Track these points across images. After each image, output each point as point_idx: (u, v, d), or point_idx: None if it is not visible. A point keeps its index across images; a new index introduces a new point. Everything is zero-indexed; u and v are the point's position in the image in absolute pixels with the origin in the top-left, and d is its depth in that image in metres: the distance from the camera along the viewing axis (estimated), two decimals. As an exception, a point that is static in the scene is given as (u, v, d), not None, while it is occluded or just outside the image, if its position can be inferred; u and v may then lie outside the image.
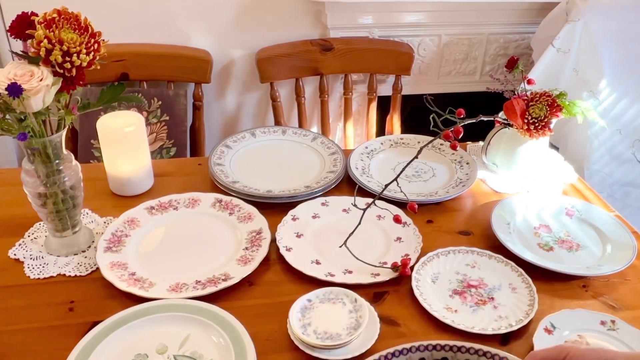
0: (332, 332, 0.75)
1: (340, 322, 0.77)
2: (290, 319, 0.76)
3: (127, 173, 1.05)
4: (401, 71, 1.81)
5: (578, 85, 1.61)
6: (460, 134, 0.89)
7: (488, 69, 1.96)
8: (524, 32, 1.90)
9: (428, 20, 1.81)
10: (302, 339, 0.74)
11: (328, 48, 1.74)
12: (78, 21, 0.74)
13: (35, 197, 0.85)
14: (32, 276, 0.87)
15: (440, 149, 1.27)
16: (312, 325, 0.76)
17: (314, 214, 1.03)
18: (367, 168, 1.18)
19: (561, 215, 1.07)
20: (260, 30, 1.75)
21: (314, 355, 0.73)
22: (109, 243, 0.92)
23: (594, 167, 1.63)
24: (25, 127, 0.76)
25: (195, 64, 1.67)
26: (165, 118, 1.65)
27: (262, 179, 1.12)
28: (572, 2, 1.61)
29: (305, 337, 0.73)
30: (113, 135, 1.02)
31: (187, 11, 1.68)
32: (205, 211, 1.02)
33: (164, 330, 0.76)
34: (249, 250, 0.93)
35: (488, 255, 0.93)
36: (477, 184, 1.16)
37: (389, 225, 1.00)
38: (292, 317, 0.76)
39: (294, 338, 0.75)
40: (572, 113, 1.08)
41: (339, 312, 0.78)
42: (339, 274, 0.88)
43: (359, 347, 0.74)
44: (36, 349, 0.75)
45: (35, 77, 0.72)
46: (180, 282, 0.85)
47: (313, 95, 1.87)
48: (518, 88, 1.13)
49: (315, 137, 1.27)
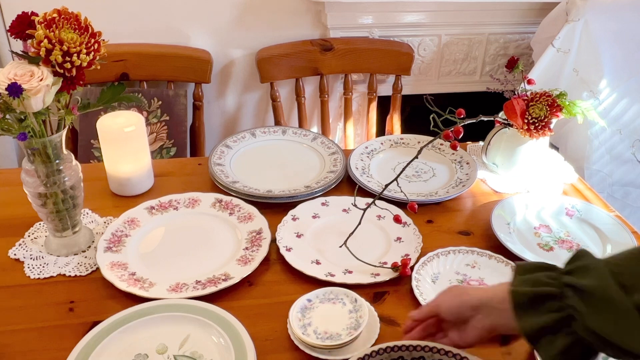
0: (332, 332, 0.75)
1: (341, 322, 0.77)
2: (290, 319, 0.76)
3: (127, 173, 1.05)
4: (401, 71, 1.81)
5: (578, 85, 1.60)
6: (460, 134, 0.89)
7: (488, 69, 1.96)
8: (524, 32, 1.90)
9: (428, 20, 1.81)
10: (302, 339, 0.74)
11: (328, 48, 1.74)
12: (78, 21, 0.74)
13: (35, 197, 0.85)
14: (32, 276, 0.87)
15: (440, 149, 1.27)
16: (312, 325, 0.76)
17: (314, 214, 1.03)
18: (367, 168, 1.18)
19: (561, 215, 1.07)
20: (260, 30, 1.75)
21: (313, 355, 0.73)
22: (109, 243, 0.92)
23: (594, 167, 1.63)
24: (25, 127, 0.76)
25: (195, 64, 1.67)
26: (165, 118, 1.65)
27: (262, 179, 1.12)
28: (572, 2, 1.61)
29: (305, 337, 0.73)
30: (113, 135, 1.02)
31: (187, 11, 1.68)
32: (205, 211, 1.02)
33: (164, 330, 0.76)
34: (249, 250, 0.93)
35: (488, 255, 0.93)
36: (477, 184, 1.16)
37: (389, 225, 1.00)
38: (292, 317, 0.76)
39: (294, 338, 0.75)
40: (572, 113, 1.08)
41: (339, 312, 0.78)
42: (339, 274, 0.88)
43: (359, 347, 0.74)
44: (36, 349, 0.75)
45: (35, 77, 0.72)
46: (180, 282, 0.85)
47: (313, 95, 1.87)
48: (518, 88, 1.13)
49: (315, 137, 1.27)
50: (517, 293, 0.61)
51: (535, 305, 0.59)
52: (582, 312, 0.55)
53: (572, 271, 0.58)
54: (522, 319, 0.59)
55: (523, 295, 0.60)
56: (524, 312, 0.59)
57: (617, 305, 0.53)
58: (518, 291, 0.61)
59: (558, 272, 0.60)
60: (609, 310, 0.54)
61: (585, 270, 0.57)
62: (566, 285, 0.57)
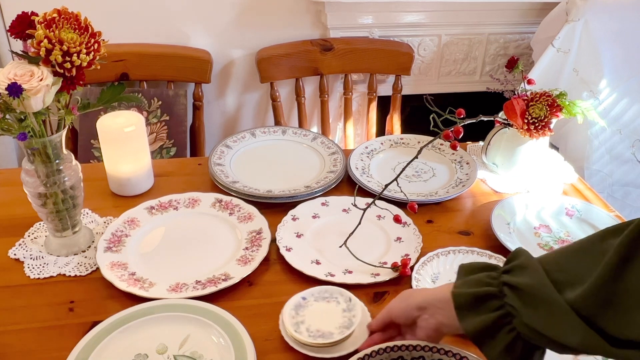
0: (324, 330, 0.75)
1: (334, 321, 0.77)
2: (283, 316, 0.76)
3: (127, 173, 1.05)
4: (401, 71, 1.81)
5: (578, 85, 1.60)
6: (460, 134, 0.89)
7: (488, 69, 1.96)
8: (524, 32, 1.90)
9: (428, 20, 1.81)
10: (294, 337, 0.73)
11: (328, 48, 1.74)
12: (78, 21, 0.74)
13: (35, 197, 0.85)
14: (32, 276, 0.87)
15: (440, 149, 1.27)
16: (305, 323, 0.76)
17: (314, 214, 1.03)
18: (367, 168, 1.18)
19: (561, 215, 1.07)
20: (260, 30, 1.75)
21: (304, 353, 0.73)
22: (109, 243, 0.92)
23: (594, 167, 1.63)
24: (25, 127, 0.76)
25: (195, 64, 1.67)
26: (165, 118, 1.65)
27: (262, 179, 1.12)
28: (572, 2, 1.61)
29: (298, 335, 0.73)
30: (113, 135, 1.02)
31: (187, 11, 1.68)
32: (205, 211, 1.02)
33: (164, 330, 0.76)
34: (249, 250, 0.93)
35: (488, 255, 0.93)
36: (477, 184, 1.16)
37: (389, 225, 1.00)
38: (285, 315, 0.76)
39: (286, 335, 0.75)
40: (572, 113, 1.08)
41: (333, 311, 0.78)
42: (339, 274, 0.88)
43: (351, 346, 0.74)
44: (36, 349, 0.75)
45: (35, 77, 0.72)
46: (180, 282, 0.85)
47: (313, 95, 1.87)
48: (518, 88, 1.13)
49: (315, 137, 1.27)
50: (459, 295, 0.63)
51: (477, 306, 0.61)
52: (519, 310, 0.57)
53: (509, 270, 0.61)
54: (465, 320, 0.61)
55: (464, 296, 0.62)
56: (466, 313, 0.62)
57: (550, 301, 0.55)
58: (460, 293, 0.63)
59: (498, 271, 0.62)
60: (543, 306, 0.56)
61: (521, 269, 0.59)
62: (504, 284, 0.60)
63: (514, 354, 0.59)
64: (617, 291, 0.51)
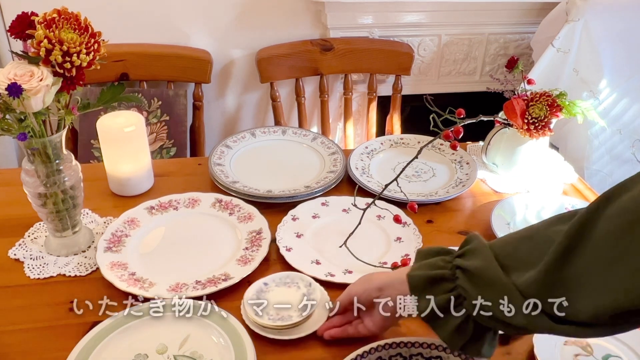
0: (284, 314, 0.77)
1: (293, 305, 0.79)
2: (245, 300, 0.78)
3: (127, 173, 1.05)
4: (401, 71, 1.81)
5: (578, 85, 1.61)
6: (460, 134, 0.89)
7: (488, 69, 1.96)
8: (524, 32, 1.90)
9: (428, 20, 1.81)
10: (255, 320, 0.76)
11: (328, 48, 1.74)
12: (78, 21, 0.74)
13: (35, 197, 0.85)
14: (32, 276, 0.87)
15: (440, 149, 1.27)
16: (266, 307, 0.78)
17: (314, 214, 1.03)
18: (367, 168, 1.18)
19: (561, 215, 1.06)
20: (260, 30, 1.75)
21: (264, 335, 0.75)
22: (109, 243, 0.92)
23: (594, 167, 1.63)
24: (25, 127, 0.76)
25: (195, 64, 1.67)
26: (165, 118, 1.66)
27: (262, 179, 1.12)
28: (572, 2, 1.61)
29: (258, 319, 0.75)
30: (113, 135, 1.02)
31: (187, 11, 1.68)
32: (205, 211, 1.02)
33: (164, 330, 0.76)
34: (249, 250, 0.93)
35: (488, 255, 0.93)
36: (477, 184, 1.16)
37: (389, 225, 1.00)
38: (246, 299, 0.78)
39: (247, 319, 0.77)
40: (572, 113, 1.08)
41: (293, 295, 0.80)
42: (339, 274, 0.88)
43: (310, 328, 0.77)
44: (36, 349, 0.75)
45: (35, 77, 0.72)
46: (180, 282, 0.85)
47: (313, 95, 1.87)
48: (518, 88, 1.13)
49: (315, 137, 1.27)
50: (414, 277, 0.66)
51: (430, 287, 0.64)
52: (469, 291, 0.60)
53: (462, 254, 0.64)
54: (419, 301, 0.65)
55: (419, 278, 0.65)
56: (420, 294, 0.65)
57: (498, 282, 0.58)
58: (415, 275, 0.66)
59: (452, 255, 0.65)
60: (491, 287, 0.59)
61: (473, 253, 0.62)
62: (457, 268, 0.63)
63: (465, 334, 0.62)
64: (564, 277, 0.53)
